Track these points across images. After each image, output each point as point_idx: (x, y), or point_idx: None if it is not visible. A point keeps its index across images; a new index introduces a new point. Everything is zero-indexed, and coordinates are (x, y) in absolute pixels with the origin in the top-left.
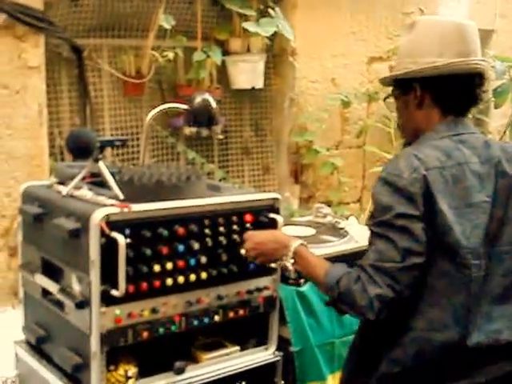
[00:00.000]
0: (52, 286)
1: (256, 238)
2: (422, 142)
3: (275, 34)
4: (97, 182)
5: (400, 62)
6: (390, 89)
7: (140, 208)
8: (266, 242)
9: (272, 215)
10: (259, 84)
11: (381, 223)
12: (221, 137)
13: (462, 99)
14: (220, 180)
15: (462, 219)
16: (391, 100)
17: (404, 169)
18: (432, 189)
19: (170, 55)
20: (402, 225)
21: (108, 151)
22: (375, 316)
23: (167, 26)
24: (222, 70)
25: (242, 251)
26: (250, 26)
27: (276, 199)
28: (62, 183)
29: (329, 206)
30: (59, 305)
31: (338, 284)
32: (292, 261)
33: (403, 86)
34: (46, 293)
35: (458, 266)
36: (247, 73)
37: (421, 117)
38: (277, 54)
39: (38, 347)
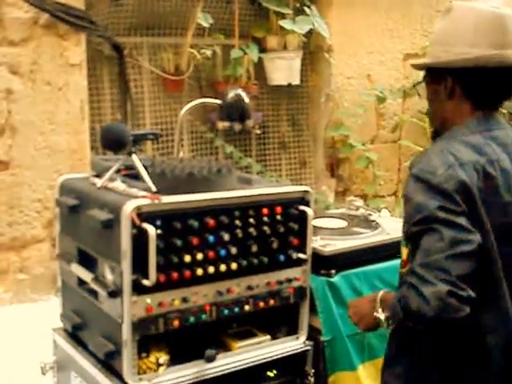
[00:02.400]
0: (86, 275)
1: (353, 302)
2: (452, 136)
3: (311, 31)
4: (131, 174)
5: (432, 50)
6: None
7: (171, 200)
8: (360, 304)
9: (302, 207)
10: (296, 80)
11: (420, 221)
12: (258, 131)
13: (495, 93)
14: (257, 173)
15: (489, 218)
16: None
17: (438, 165)
18: (470, 185)
19: (208, 53)
20: (445, 218)
21: (148, 146)
22: (436, 317)
23: (205, 25)
24: (260, 67)
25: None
26: (286, 23)
27: (306, 192)
28: (98, 176)
29: (364, 199)
30: (93, 293)
31: (398, 302)
32: (380, 310)
33: (434, 75)
34: (81, 282)
35: (491, 264)
36: (284, 69)
37: (450, 107)
38: (313, 50)
39: (74, 334)
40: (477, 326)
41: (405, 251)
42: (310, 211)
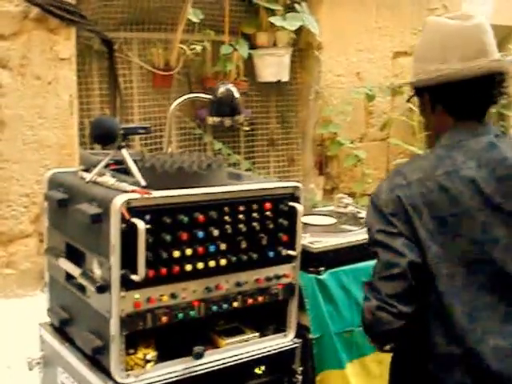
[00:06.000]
0: (74, 270)
1: None
2: (423, 154)
3: (301, 28)
4: (121, 169)
5: (413, 66)
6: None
7: (160, 194)
8: None
9: (292, 204)
10: (285, 77)
11: (369, 242)
12: (247, 128)
13: (475, 103)
14: (246, 171)
15: (444, 230)
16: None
17: (384, 189)
18: (406, 206)
19: (198, 48)
20: (381, 240)
21: (136, 141)
22: (368, 328)
23: (195, 20)
24: (249, 64)
25: None
26: (276, 20)
27: (296, 188)
28: (86, 170)
29: (352, 197)
30: (81, 288)
31: None
32: None
33: (416, 91)
34: (69, 276)
35: (434, 279)
36: (273, 66)
37: (435, 122)
38: (302, 47)
39: (61, 329)
40: (428, 339)
41: None
42: (299, 207)
